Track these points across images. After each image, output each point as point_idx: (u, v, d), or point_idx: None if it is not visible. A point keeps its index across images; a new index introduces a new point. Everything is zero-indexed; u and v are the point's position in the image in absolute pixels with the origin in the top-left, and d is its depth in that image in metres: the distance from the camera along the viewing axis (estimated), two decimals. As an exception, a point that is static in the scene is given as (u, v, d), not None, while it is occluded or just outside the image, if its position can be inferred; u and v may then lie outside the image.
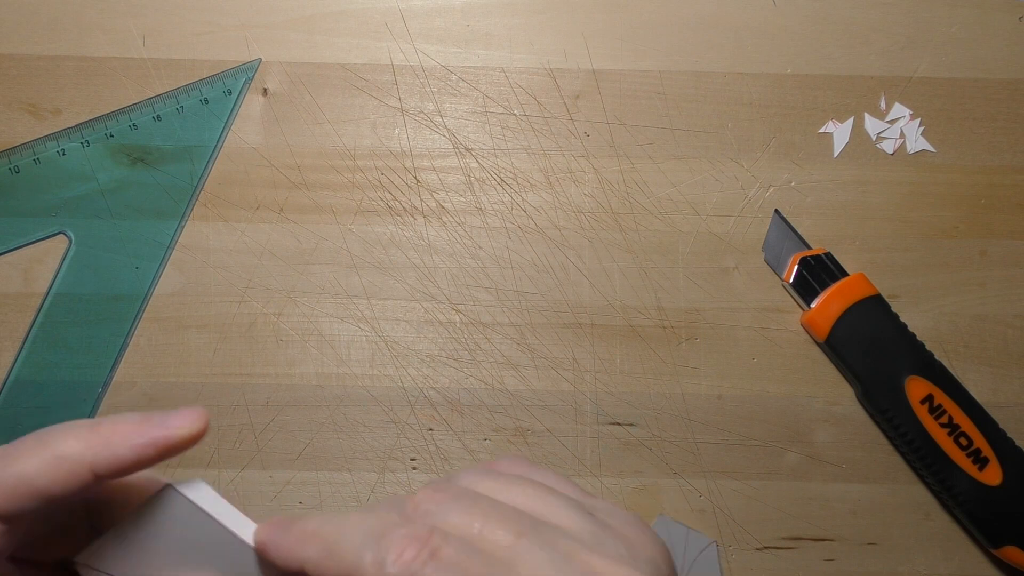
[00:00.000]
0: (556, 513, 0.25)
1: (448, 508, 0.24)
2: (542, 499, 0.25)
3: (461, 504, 0.24)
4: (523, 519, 0.24)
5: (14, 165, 0.47)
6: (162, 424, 0.26)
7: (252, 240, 0.47)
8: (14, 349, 0.46)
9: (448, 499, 0.24)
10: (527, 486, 0.26)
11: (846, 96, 0.48)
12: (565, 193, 0.47)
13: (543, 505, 0.25)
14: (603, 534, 0.24)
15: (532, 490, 0.26)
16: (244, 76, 0.48)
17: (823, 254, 0.46)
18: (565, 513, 0.25)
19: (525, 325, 0.46)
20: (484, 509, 0.24)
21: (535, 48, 0.48)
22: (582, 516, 0.25)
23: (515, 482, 0.26)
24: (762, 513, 0.46)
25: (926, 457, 0.44)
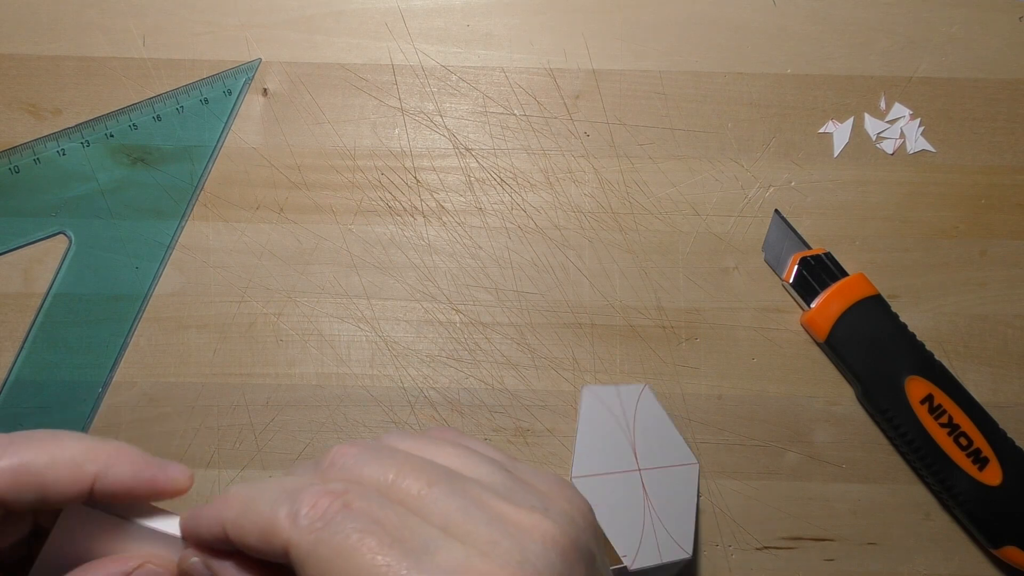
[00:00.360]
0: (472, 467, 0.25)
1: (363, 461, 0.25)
2: (459, 455, 0.26)
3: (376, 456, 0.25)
4: (436, 469, 0.24)
5: (14, 165, 0.47)
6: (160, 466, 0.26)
7: (252, 240, 0.47)
8: (14, 349, 0.46)
9: (362, 452, 0.25)
10: (447, 445, 0.26)
11: (846, 96, 0.48)
12: (565, 193, 0.47)
13: (460, 460, 0.26)
14: (517, 487, 0.25)
15: (451, 448, 0.26)
16: (244, 76, 0.48)
17: (823, 254, 0.46)
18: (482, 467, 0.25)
19: (525, 325, 0.46)
20: (399, 461, 0.24)
21: (535, 48, 0.48)
22: (499, 470, 0.26)
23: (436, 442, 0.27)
24: (762, 513, 0.46)
25: (926, 457, 0.44)
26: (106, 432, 0.45)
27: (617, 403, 0.44)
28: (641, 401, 0.44)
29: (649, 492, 0.43)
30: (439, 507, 0.23)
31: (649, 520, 0.42)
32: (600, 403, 0.44)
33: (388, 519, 0.23)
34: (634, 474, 0.43)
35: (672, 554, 0.42)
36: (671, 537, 0.42)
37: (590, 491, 0.42)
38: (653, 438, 0.44)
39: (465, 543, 0.23)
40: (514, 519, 0.24)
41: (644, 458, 0.43)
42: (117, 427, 0.45)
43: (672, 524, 0.43)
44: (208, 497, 0.46)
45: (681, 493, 0.43)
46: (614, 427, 0.43)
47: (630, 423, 0.44)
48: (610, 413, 0.44)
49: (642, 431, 0.44)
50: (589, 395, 0.44)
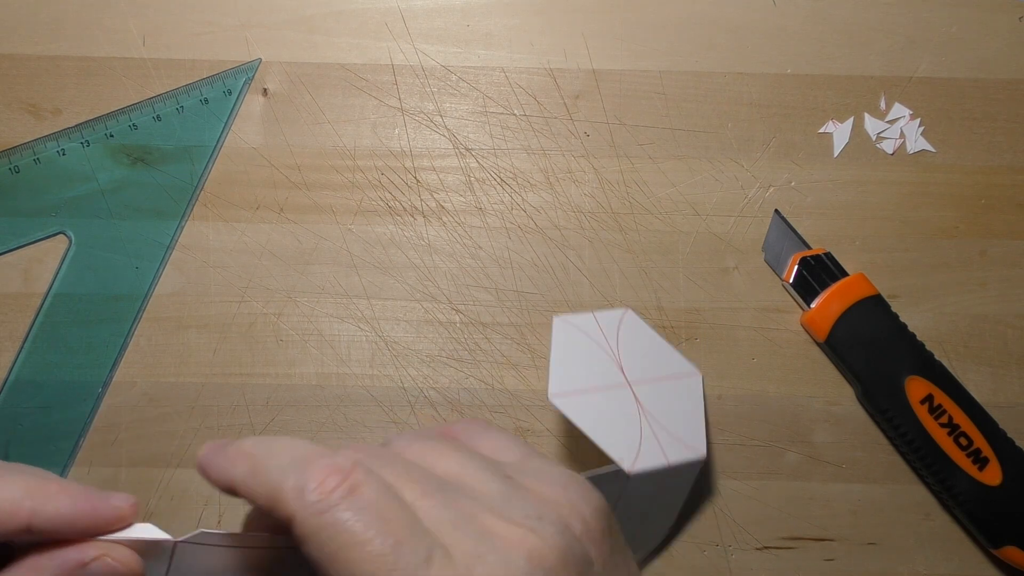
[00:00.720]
0: (472, 475, 0.26)
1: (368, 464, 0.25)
2: (461, 465, 0.26)
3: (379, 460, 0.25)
4: (433, 481, 0.25)
5: (14, 165, 0.47)
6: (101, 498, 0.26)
7: (252, 240, 0.47)
8: (14, 349, 0.46)
9: (364, 458, 0.25)
10: (451, 453, 0.27)
11: (846, 96, 0.48)
12: (565, 193, 0.47)
13: (460, 469, 0.26)
14: (514, 497, 0.25)
15: (455, 456, 0.27)
16: (244, 76, 0.48)
17: (823, 254, 0.46)
18: (480, 477, 0.26)
19: (525, 325, 0.46)
20: (397, 469, 0.25)
21: (535, 48, 0.48)
22: (497, 480, 0.26)
23: (441, 448, 0.27)
24: (762, 513, 0.46)
25: (926, 457, 0.44)
26: (106, 432, 0.45)
27: (595, 328, 0.41)
28: (624, 323, 0.41)
29: (643, 403, 0.40)
30: (433, 516, 0.24)
31: (647, 427, 0.39)
32: (576, 329, 0.41)
33: (393, 515, 0.23)
34: (623, 389, 0.40)
35: (681, 454, 0.39)
36: (677, 440, 0.39)
37: (571, 408, 0.38)
38: (641, 355, 0.41)
39: (453, 556, 0.23)
40: (502, 534, 0.24)
41: (633, 373, 0.40)
42: (117, 427, 0.45)
43: (677, 428, 0.39)
44: (201, 503, 0.46)
45: (685, 402, 0.40)
46: (594, 350, 0.40)
47: (613, 346, 0.41)
48: (588, 338, 0.41)
49: (628, 350, 0.41)
50: (561, 324, 0.41)
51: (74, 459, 0.45)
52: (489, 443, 0.29)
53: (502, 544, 0.24)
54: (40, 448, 0.45)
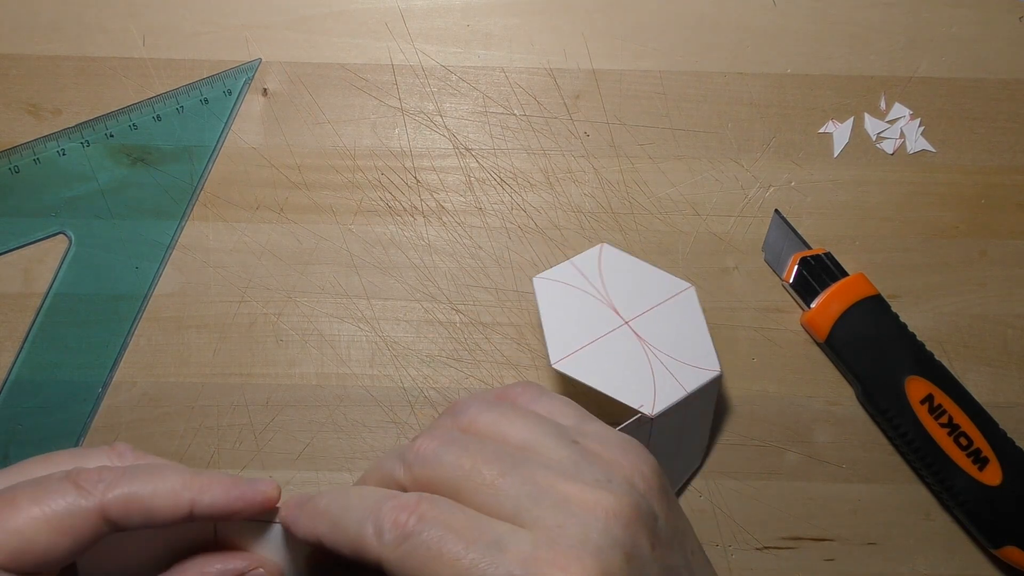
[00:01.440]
0: (542, 444, 0.28)
1: (443, 452, 0.28)
2: (531, 432, 0.29)
3: (453, 449, 0.28)
4: (506, 458, 0.27)
5: (14, 165, 0.47)
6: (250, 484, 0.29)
7: (252, 240, 0.47)
8: (14, 349, 0.46)
9: (441, 445, 0.28)
10: (519, 420, 0.29)
11: (846, 96, 0.48)
12: (565, 193, 0.47)
13: (531, 437, 0.28)
14: (583, 461, 0.28)
15: (522, 423, 0.29)
16: (244, 76, 0.48)
17: (823, 254, 0.46)
18: (550, 444, 0.28)
19: (525, 325, 0.46)
20: (472, 452, 0.27)
21: (535, 48, 0.48)
22: (566, 446, 0.28)
23: (511, 416, 0.29)
24: (762, 513, 0.46)
25: (926, 457, 0.44)
26: (106, 432, 0.45)
27: (576, 275, 0.41)
28: (604, 259, 0.42)
29: (645, 337, 0.40)
30: (511, 495, 0.26)
31: (657, 362, 0.40)
32: (557, 284, 0.41)
33: (459, 522, 0.26)
34: (621, 329, 0.41)
35: (697, 379, 0.40)
36: (688, 365, 0.40)
37: (577, 368, 0.39)
38: (630, 287, 0.41)
39: (533, 530, 0.25)
40: (578, 498, 0.26)
41: (627, 310, 0.41)
42: (117, 427, 0.45)
43: (685, 352, 0.40)
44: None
45: (684, 320, 0.41)
46: (582, 298, 0.41)
47: (599, 286, 0.41)
48: (572, 288, 0.41)
49: (616, 287, 0.41)
50: (542, 283, 0.41)
51: (74, 459, 0.45)
52: (546, 407, 0.31)
53: (579, 509, 0.26)
54: (40, 448, 0.45)
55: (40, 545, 0.26)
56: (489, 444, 0.28)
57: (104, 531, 0.28)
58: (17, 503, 0.27)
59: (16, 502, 0.27)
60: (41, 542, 0.26)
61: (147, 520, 0.28)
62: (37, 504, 0.27)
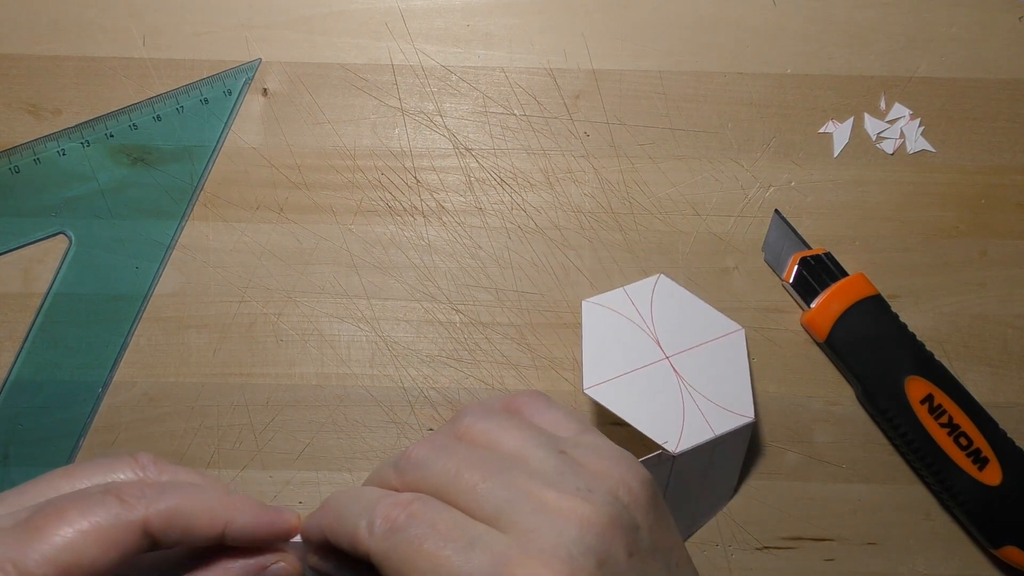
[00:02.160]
0: (531, 454, 0.29)
1: (434, 458, 0.29)
2: (521, 441, 0.30)
3: (441, 455, 0.29)
4: (490, 464, 0.28)
5: (14, 165, 0.47)
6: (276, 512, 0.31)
7: (252, 240, 0.47)
8: (14, 349, 0.46)
9: (432, 451, 0.29)
10: (512, 430, 0.30)
11: (846, 96, 0.48)
12: (565, 193, 0.47)
13: (521, 446, 0.29)
14: (568, 471, 0.28)
15: (515, 432, 0.30)
16: (244, 76, 0.48)
17: (823, 254, 0.46)
18: (538, 454, 0.29)
19: (525, 325, 0.46)
20: (459, 458, 0.29)
21: (535, 48, 0.48)
22: (554, 456, 0.29)
23: (506, 426, 0.30)
24: (762, 513, 0.46)
25: (926, 457, 0.44)
26: (106, 432, 0.45)
27: (627, 303, 0.41)
28: (657, 291, 0.42)
29: (684, 374, 0.40)
30: (491, 499, 0.27)
31: (690, 400, 0.40)
32: (606, 311, 0.41)
33: (443, 522, 0.27)
34: (661, 363, 0.40)
35: (727, 423, 0.39)
36: (723, 408, 0.40)
37: (607, 396, 0.39)
38: (679, 323, 0.41)
39: (509, 532, 0.26)
40: (555, 505, 0.27)
41: (671, 346, 0.41)
42: (117, 427, 0.45)
43: (722, 396, 0.40)
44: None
45: (728, 364, 0.40)
46: (627, 327, 0.41)
47: (647, 318, 0.41)
48: (620, 316, 0.41)
49: (664, 320, 0.41)
50: (590, 307, 0.41)
51: (74, 459, 0.45)
52: (549, 418, 0.32)
53: (555, 515, 0.27)
54: (40, 448, 0.45)
55: (88, 558, 0.27)
56: (477, 451, 0.29)
57: (145, 546, 0.28)
58: (65, 516, 0.27)
59: (64, 515, 0.27)
60: (89, 555, 0.27)
61: (184, 537, 0.29)
62: (85, 517, 0.27)
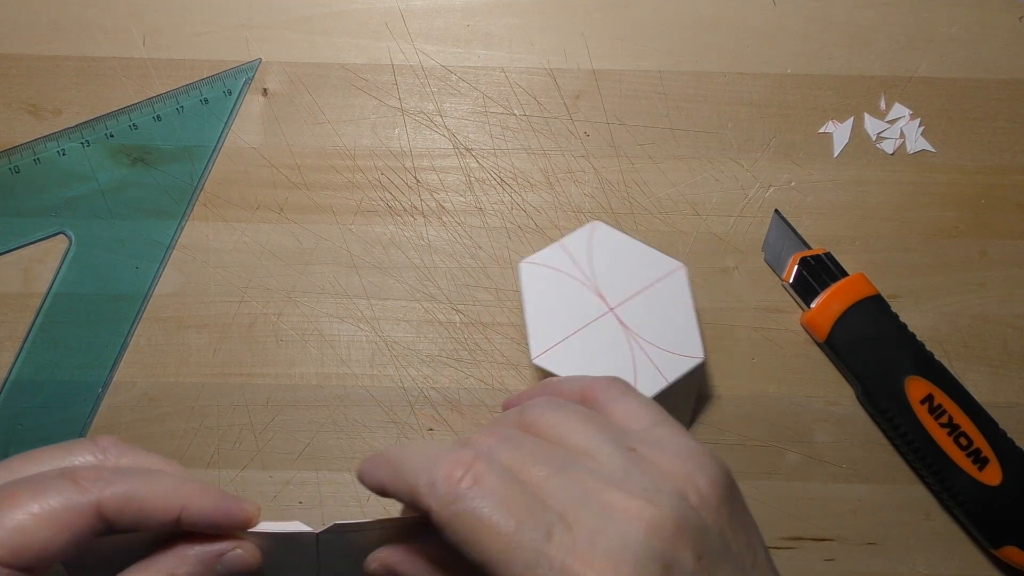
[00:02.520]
0: (598, 450, 0.28)
1: (497, 449, 0.28)
2: (589, 437, 0.29)
3: (507, 447, 0.28)
4: (557, 460, 0.28)
5: (14, 165, 0.47)
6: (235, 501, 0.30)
7: (252, 240, 0.47)
8: (14, 349, 0.46)
9: (498, 442, 0.28)
10: (580, 424, 0.29)
11: (846, 96, 0.48)
12: (565, 193, 0.47)
13: (589, 442, 0.28)
14: (635, 470, 0.28)
15: (583, 427, 0.29)
16: (244, 76, 0.48)
17: (823, 254, 0.46)
18: (606, 451, 0.28)
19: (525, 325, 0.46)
20: (525, 451, 0.28)
21: (535, 48, 0.48)
22: (622, 453, 0.28)
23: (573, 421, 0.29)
24: (762, 513, 0.46)
25: (926, 457, 0.44)
26: (106, 432, 0.45)
27: (565, 258, 0.41)
28: (595, 239, 0.41)
29: (629, 324, 0.40)
30: (557, 496, 0.27)
31: (639, 351, 0.39)
32: (543, 270, 0.40)
33: (514, 499, 0.26)
34: (606, 317, 0.40)
35: (679, 367, 0.39)
36: (672, 353, 0.39)
37: (557, 362, 0.39)
38: (620, 270, 0.41)
39: (574, 531, 0.26)
40: (622, 506, 0.26)
41: (614, 296, 0.40)
42: (117, 427, 0.45)
43: (669, 339, 0.39)
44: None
45: (673, 304, 0.40)
46: (568, 284, 0.40)
47: (587, 270, 0.41)
48: (559, 273, 0.40)
49: (604, 270, 0.41)
50: (528, 268, 0.41)
51: (74, 459, 0.45)
52: (622, 409, 0.31)
53: (621, 517, 0.26)
54: (40, 448, 0.45)
55: (39, 540, 0.27)
56: (543, 445, 0.29)
57: (99, 528, 0.28)
58: (17, 499, 0.27)
59: (16, 498, 0.27)
60: (40, 537, 0.27)
61: (139, 521, 0.28)
62: (36, 500, 0.27)
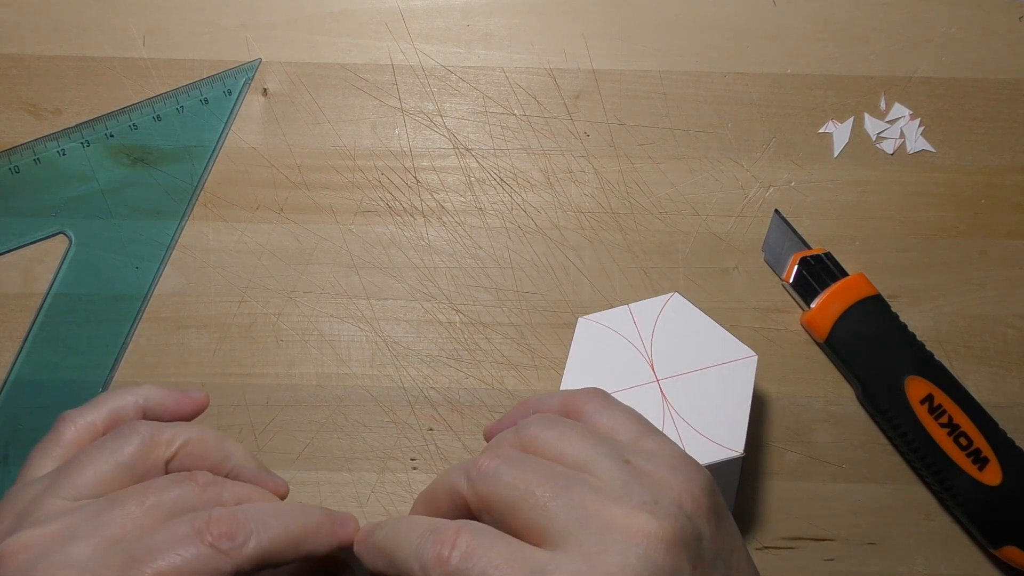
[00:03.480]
0: (596, 464, 0.29)
1: (502, 471, 0.29)
2: (587, 452, 0.30)
3: (511, 468, 0.29)
4: (559, 479, 0.28)
5: (14, 165, 0.47)
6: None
7: (252, 240, 0.47)
8: (14, 349, 0.46)
9: (502, 463, 0.29)
10: (577, 439, 0.30)
11: (846, 96, 0.48)
12: (565, 193, 0.47)
13: (586, 457, 0.29)
14: (634, 482, 0.28)
15: (580, 442, 0.30)
16: (244, 76, 0.48)
17: (823, 254, 0.46)
18: (604, 465, 0.29)
19: (525, 325, 0.46)
20: (529, 471, 0.29)
21: (535, 48, 0.48)
22: (619, 466, 0.29)
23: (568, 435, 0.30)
24: (762, 513, 0.46)
25: (926, 457, 0.44)
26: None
27: (627, 322, 0.40)
28: (668, 310, 0.40)
29: (672, 400, 0.38)
30: (560, 517, 0.27)
31: (671, 427, 0.38)
32: (602, 327, 0.39)
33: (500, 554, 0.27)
34: (649, 386, 0.38)
35: (710, 455, 0.37)
36: (708, 439, 0.37)
37: None
38: (684, 345, 0.39)
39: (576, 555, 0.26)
40: (622, 523, 0.27)
41: (665, 368, 0.39)
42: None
43: (711, 426, 0.37)
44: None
45: (728, 392, 0.38)
46: (621, 346, 0.39)
47: (647, 337, 0.39)
48: (615, 334, 0.39)
49: (666, 341, 0.39)
50: (585, 325, 0.40)
51: (74, 459, 0.45)
52: (608, 420, 0.32)
53: (622, 535, 0.27)
54: (40, 448, 0.45)
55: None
56: (545, 465, 0.29)
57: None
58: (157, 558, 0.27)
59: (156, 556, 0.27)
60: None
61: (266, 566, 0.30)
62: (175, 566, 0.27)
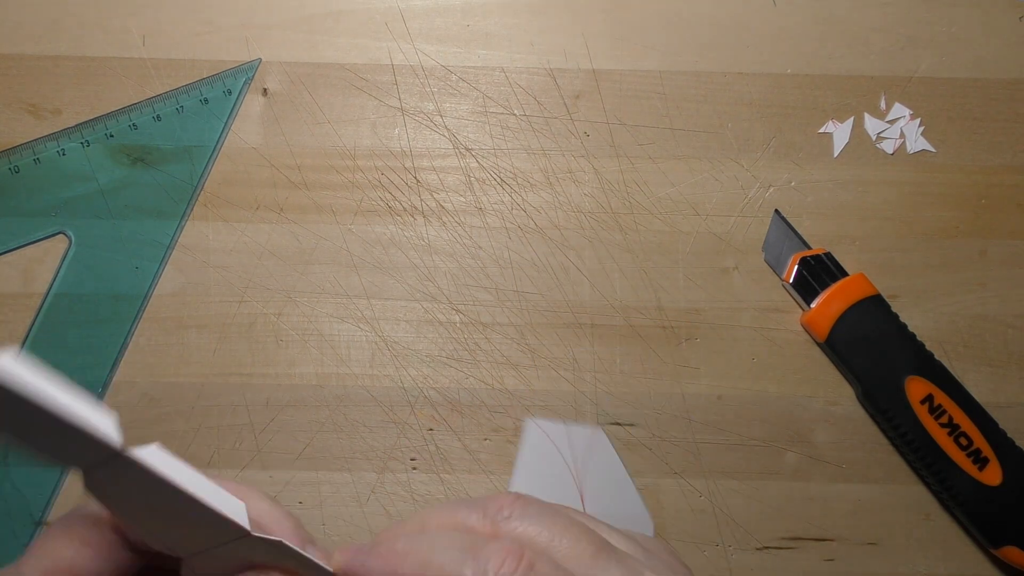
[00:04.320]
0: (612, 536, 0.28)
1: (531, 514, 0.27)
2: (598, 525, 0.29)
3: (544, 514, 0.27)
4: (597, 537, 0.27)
5: (14, 165, 0.47)
6: None
7: (252, 240, 0.47)
8: (14, 349, 0.46)
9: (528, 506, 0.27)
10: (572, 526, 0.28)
11: (846, 96, 0.48)
12: (565, 193, 0.47)
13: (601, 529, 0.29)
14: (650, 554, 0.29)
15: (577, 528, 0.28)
16: (244, 76, 0.48)
17: (823, 254, 0.46)
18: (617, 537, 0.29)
19: (525, 325, 0.46)
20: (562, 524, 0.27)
21: (535, 48, 0.48)
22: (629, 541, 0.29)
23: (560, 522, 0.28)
24: (762, 513, 0.46)
25: (926, 457, 0.44)
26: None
27: (565, 442, 0.43)
28: (593, 446, 0.43)
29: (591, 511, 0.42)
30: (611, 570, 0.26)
31: None
32: (547, 439, 0.43)
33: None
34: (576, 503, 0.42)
35: None
36: None
37: None
38: (604, 489, 0.42)
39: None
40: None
41: (591, 507, 0.42)
42: (117, 427, 0.45)
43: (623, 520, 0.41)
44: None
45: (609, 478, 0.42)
46: (560, 468, 0.42)
47: (579, 469, 0.43)
48: (557, 452, 0.43)
49: (592, 480, 0.43)
50: (534, 429, 0.43)
51: (74, 459, 0.45)
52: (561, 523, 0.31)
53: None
54: (40, 448, 0.45)
55: None
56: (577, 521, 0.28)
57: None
58: None
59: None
60: None
61: None
62: None
